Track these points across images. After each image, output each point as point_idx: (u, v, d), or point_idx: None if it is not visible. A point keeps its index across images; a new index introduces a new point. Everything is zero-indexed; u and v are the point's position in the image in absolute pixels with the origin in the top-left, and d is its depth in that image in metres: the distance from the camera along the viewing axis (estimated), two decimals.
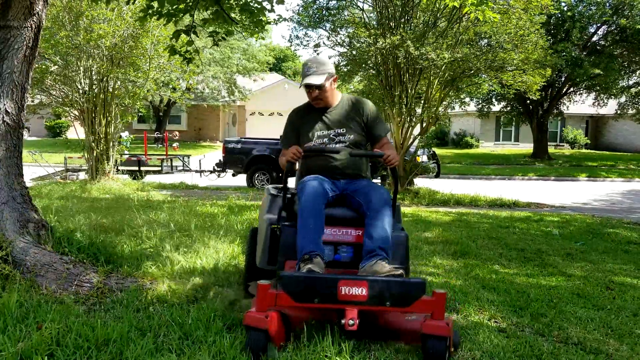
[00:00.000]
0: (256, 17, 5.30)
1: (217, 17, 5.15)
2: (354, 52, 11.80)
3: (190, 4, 5.06)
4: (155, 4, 5.11)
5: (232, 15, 5.31)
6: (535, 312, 3.68)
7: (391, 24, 10.83)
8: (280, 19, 11.57)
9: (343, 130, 3.33)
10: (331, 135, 3.33)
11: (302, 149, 3.21)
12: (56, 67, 10.70)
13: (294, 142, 3.39)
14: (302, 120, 3.45)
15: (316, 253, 2.85)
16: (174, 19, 5.22)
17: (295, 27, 13.02)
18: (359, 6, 12.15)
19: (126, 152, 14.73)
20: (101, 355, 2.60)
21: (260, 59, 30.97)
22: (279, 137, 13.57)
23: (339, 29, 12.33)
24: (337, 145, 3.33)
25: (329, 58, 15.19)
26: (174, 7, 5.02)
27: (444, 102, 11.86)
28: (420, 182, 12.55)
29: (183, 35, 5.51)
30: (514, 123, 28.92)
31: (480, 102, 24.18)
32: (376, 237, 2.94)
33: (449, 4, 8.23)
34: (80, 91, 10.79)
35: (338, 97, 3.44)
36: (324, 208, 3.04)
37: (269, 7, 5.33)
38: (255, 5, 5.26)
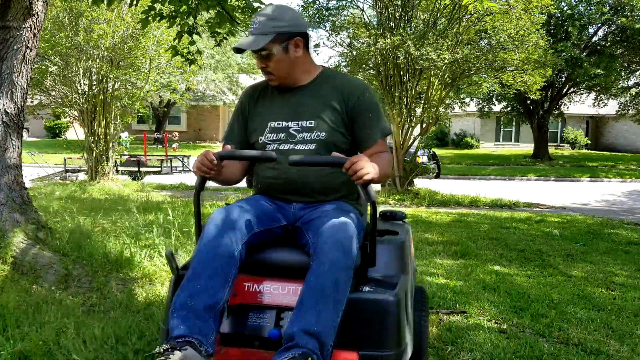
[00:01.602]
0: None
1: (219, 18, 5.15)
2: (354, 53, 11.80)
3: (193, 5, 5.06)
4: (158, 6, 5.11)
5: (235, 15, 5.31)
6: (536, 312, 3.68)
7: (391, 24, 10.83)
8: None
9: (311, 123, 2.15)
10: (291, 130, 2.16)
11: (219, 155, 2.02)
12: (56, 67, 10.70)
13: (238, 139, 2.31)
14: (254, 105, 2.30)
15: (186, 341, 1.66)
16: (176, 20, 5.22)
17: None
18: (359, 6, 12.15)
19: (126, 152, 14.73)
20: (101, 355, 2.59)
21: None
22: None
23: (339, 29, 12.33)
24: (299, 147, 2.13)
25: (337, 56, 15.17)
26: (176, 8, 5.03)
27: (444, 103, 11.85)
28: (421, 183, 12.55)
29: (185, 36, 5.51)
30: (514, 123, 28.93)
31: (480, 102, 24.19)
32: (303, 314, 1.74)
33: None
34: (80, 92, 10.79)
35: (314, 72, 2.25)
36: (233, 260, 1.86)
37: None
38: (258, 5, 5.26)
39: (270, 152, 2.08)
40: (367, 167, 1.86)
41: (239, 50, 2.14)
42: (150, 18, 5.18)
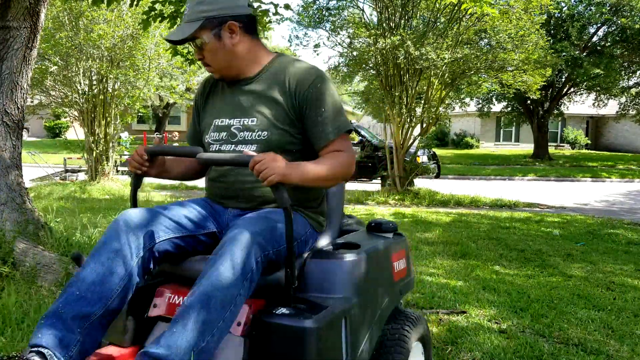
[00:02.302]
0: (259, 18, 5.32)
1: None
2: (354, 53, 11.80)
3: None
4: (158, 6, 5.12)
5: None
6: (536, 312, 3.68)
7: (391, 24, 10.83)
8: (282, 19, 11.59)
9: (252, 121, 1.86)
10: (232, 129, 1.89)
11: (148, 150, 1.84)
12: (56, 67, 10.70)
13: (197, 138, 2.09)
14: (204, 101, 2.07)
15: (36, 351, 1.46)
16: (177, 21, 5.22)
17: (295, 27, 13.05)
18: (359, 6, 12.15)
19: (126, 152, 14.74)
20: None
21: None
22: None
23: (339, 29, 12.34)
24: (240, 148, 1.86)
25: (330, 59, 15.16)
26: (177, 8, 5.03)
27: (444, 103, 11.85)
28: (421, 183, 12.55)
29: None
30: (514, 123, 28.92)
31: (480, 101, 24.19)
32: (164, 333, 1.48)
33: (448, 0, 8.25)
34: (80, 92, 10.80)
35: (264, 61, 1.94)
36: (127, 268, 1.62)
37: (273, 10, 5.35)
38: (258, 5, 5.27)
39: (196, 147, 1.76)
40: (272, 168, 1.60)
41: (171, 41, 1.90)
42: (150, 19, 5.19)
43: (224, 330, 1.53)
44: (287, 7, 5.60)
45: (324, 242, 2.02)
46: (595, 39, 21.54)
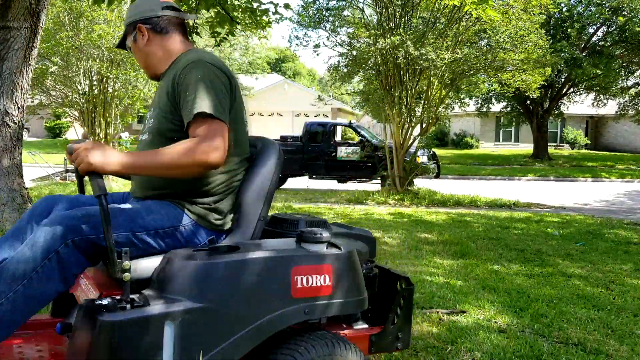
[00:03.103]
0: (258, 17, 5.33)
1: (219, 18, 5.17)
2: (354, 53, 11.81)
3: (193, 4, 5.07)
4: None
5: (234, 15, 5.33)
6: (536, 312, 3.69)
7: (391, 24, 10.84)
8: (282, 18, 11.60)
9: (153, 112, 1.98)
10: (146, 121, 2.04)
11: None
12: (56, 67, 10.71)
13: None
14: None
15: None
16: None
17: (295, 27, 13.06)
18: (358, 6, 12.15)
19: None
20: None
21: (262, 56, 31.07)
22: (279, 137, 13.63)
23: (338, 29, 12.34)
24: (143, 138, 1.98)
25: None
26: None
27: (444, 103, 11.86)
28: (420, 183, 12.56)
29: None
30: (513, 123, 28.93)
31: (479, 101, 24.19)
32: None
33: (449, 2, 8.26)
34: (80, 92, 10.81)
35: (174, 56, 2.02)
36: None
37: (272, 9, 5.36)
38: (257, 5, 5.28)
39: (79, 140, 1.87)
40: (82, 157, 1.61)
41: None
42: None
43: (20, 303, 1.60)
44: (287, 6, 5.61)
45: (228, 241, 1.91)
46: (594, 39, 21.56)
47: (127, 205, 1.84)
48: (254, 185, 1.95)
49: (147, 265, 1.75)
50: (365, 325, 2.14)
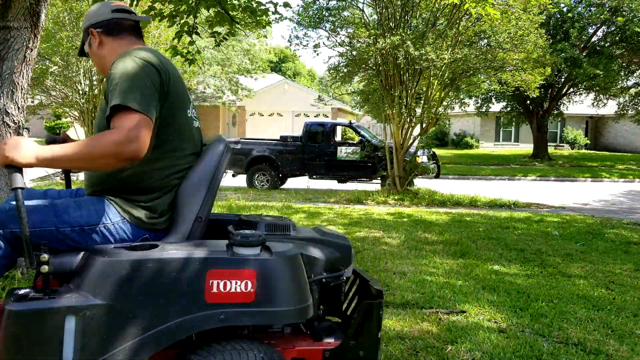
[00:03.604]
0: (258, 17, 5.33)
1: (219, 17, 5.17)
2: (354, 53, 11.81)
3: (193, 4, 5.07)
4: (158, 5, 5.13)
5: (234, 14, 5.33)
6: (535, 312, 3.69)
7: (391, 24, 10.84)
8: (282, 18, 11.60)
9: (99, 111, 2.02)
10: None
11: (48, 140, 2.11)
12: (56, 67, 10.71)
13: None
14: None
15: None
16: (176, 20, 5.24)
17: (295, 27, 13.03)
18: (358, 6, 12.16)
19: None
20: None
21: (262, 57, 31.05)
22: (279, 138, 13.64)
23: (338, 30, 12.34)
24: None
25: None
26: (176, 8, 5.04)
27: (444, 103, 11.86)
28: (420, 183, 12.56)
29: (184, 36, 5.52)
30: (513, 123, 28.92)
31: (479, 101, 24.19)
32: None
33: (449, 1, 8.27)
34: (80, 92, 10.81)
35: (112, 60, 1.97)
36: None
37: (272, 9, 5.36)
38: (257, 3, 5.28)
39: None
40: (0, 150, 1.63)
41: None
42: (150, 17, 5.19)
43: None
44: (286, 5, 5.60)
45: (170, 239, 1.87)
46: (594, 39, 21.55)
47: (60, 200, 1.86)
48: (192, 184, 1.88)
49: (71, 260, 1.74)
50: (331, 340, 1.98)
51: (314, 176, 13.04)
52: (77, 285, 1.65)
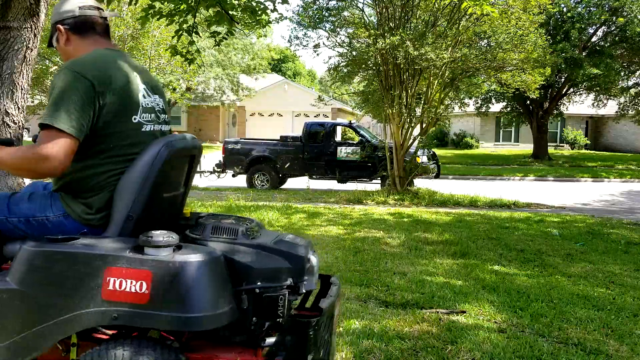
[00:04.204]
0: (258, 16, 5.32)
1: (219, 17, 5.17)
2: (354, 53, 11.80)
3: (192, 4, 5.07)
4: (157, 4, 5.13)
5: (234, 14, 5.33)
6: (535, 312, 3.69)
7: (391, 24, 10.84)
8: (282, 18, 11.59)
9: None
10: None
11: None
12: (56, 67, 10.71)
13: None
14: None
15: None
16: (175, 19, 5.24)
17: (295, 27, 13.03)
18: (358, 7, 12.16)
19: None
20: None
21: (263, 56, 31.04)
22: (279, 138, 13.63)
23: (338, 30, 12.33)
24: None
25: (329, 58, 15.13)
26: (176, 7, 5.04)
27: (444, 103, 11.86)
28: (420, 183, 12.56)
29: (184, 36, 5.52)
30: (513, 124, 28.93)
31: (479, 101, 24.18)
32: None
33: (447, 0, 8.27)
34: None
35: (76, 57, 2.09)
36: None
37: (271, 7, 5.36)
38: (257, 3, 5.28)
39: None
40: None
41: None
42: (149, 16, 5.20)
43: None
44: (284, 1, 5.59)
45: (105, 235, 1.93)
46: (594, 39, 21.55)
47: (19, 193, 2.05)
48: (124, 185, 1.91)
49: (15, 247, 1.90)
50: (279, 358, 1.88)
51: (314, 176, 13.04)
52: (9, 271, 1.79)
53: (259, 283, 1.85)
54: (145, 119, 2.02)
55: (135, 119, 1.98)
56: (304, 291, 1.96)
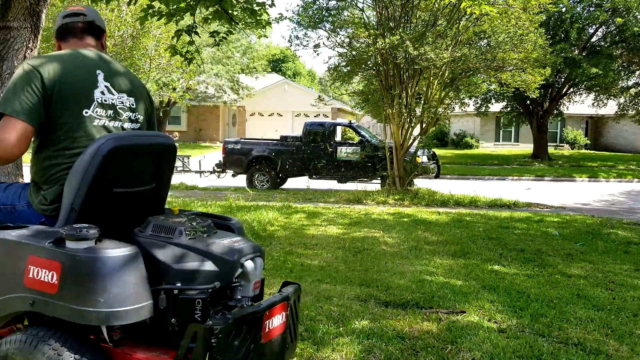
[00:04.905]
0: (257, 16, 5.32)
1: (218, 16, 5.17)
2: (354, 53, 11.80)
3: (192, 3, 5.07)
4: (156, 4, 5.13)
5: (233, 13, 5.33)
6: (535, 312, 3.69)
7: (391, 24, 10.84)
8: (282, 17, 11.60)
9: None
10: None
11: None
12: None
13: None
14: None
15: None
16: (174, 18, 5.24)
17: (295, 27, 13.03)
18: (358, 6, 12.15)
19: None
20: None
21: (263, 55, 31.06)
22: (279, 138, 13.63)
23: (338, 30, 12.33)
24: None
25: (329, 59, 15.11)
26: (175, 6, 5.04)
27: (444, 103, 11.86)
28: (420, 183, 12.56)
29: (184, 35, 5.52)
30: (513, 124, 28.92)
31: (478, 101, 24.17)
32: None
33: (446, 0, 8.27)
34: None
35: None
36: None
37: (269, 2, 5.35)
38: (256, 3, 5.28)
39: None
40: None
41: None
42: (148, 16, 5.20)
43: None
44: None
45: (56, 225, 1.99)
46: (594, 39, 21.55)
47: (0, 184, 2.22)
48: (70, 176, 1.96)
49: None
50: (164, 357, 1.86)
51: (314, 176, 13.04)
52: None
53: (178, 284, 1.84)
54: (99, 114, 2.08)
55: (86, 112, 2.04)
56: (239, 297, 1.95)
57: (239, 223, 2.27)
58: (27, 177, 2.64)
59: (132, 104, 2.21)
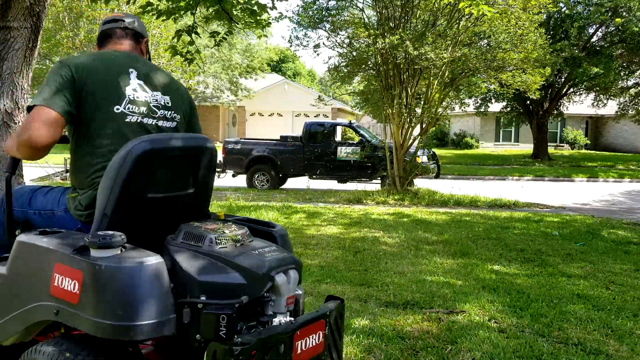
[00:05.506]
0: (257, 16, 5.33)
1: (218, 16, 5.17)
2: (354, 53, 11.80)
3: (191, 2, 5.08)
4: (155, 2, 5.14)
5: (233, 13, 5.33)
6: (535, 312, 3.69)
7: (391, 24, 10.84)
8: (281, 17, 11.59)
9: None
10: None
11: None
12: None
13: None
14: None
15: None
16: (173, 16, 5.24)
17: (295, 27, 13.03)
18: (358, 6, 12.16)
19: None
20: None
21: (262, 56, 31.08)
22: (279, 138, 13.63)
23: (338, 30, 12.32)
24: None
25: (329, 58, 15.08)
26: (174, 5, 5.04)
27: (444, 103, 11.85)
28: (420, 183, 12.55)
29: (184, 35, 5.52)
30: (513, 124, 28.93)
31: (478, 100, 24.17)
32: None
33: (445, 0, 8.27)
34: None
35: None
36: None
37: (270, 4, 5.36)
38: (256, 2, 5.28)
39: None
40: None
41: None
42: (146, 13, 5.21)
43: None
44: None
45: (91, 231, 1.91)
46: (594, 39, 21.55)
47: (43, 188, 2.22)
48: (103, 181, 1.89)
49: None
50: None
51: (314, 176, 13.04)
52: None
53: (202, 297, 1.71)
54: (131, 110, 2.02)
55: (117, 108, 2.00)
56: (270, 313, 1.81)
57: (282, 230, 2.12)
58: (29, 179, 2.65)
59: (168, 102, 2.14)
